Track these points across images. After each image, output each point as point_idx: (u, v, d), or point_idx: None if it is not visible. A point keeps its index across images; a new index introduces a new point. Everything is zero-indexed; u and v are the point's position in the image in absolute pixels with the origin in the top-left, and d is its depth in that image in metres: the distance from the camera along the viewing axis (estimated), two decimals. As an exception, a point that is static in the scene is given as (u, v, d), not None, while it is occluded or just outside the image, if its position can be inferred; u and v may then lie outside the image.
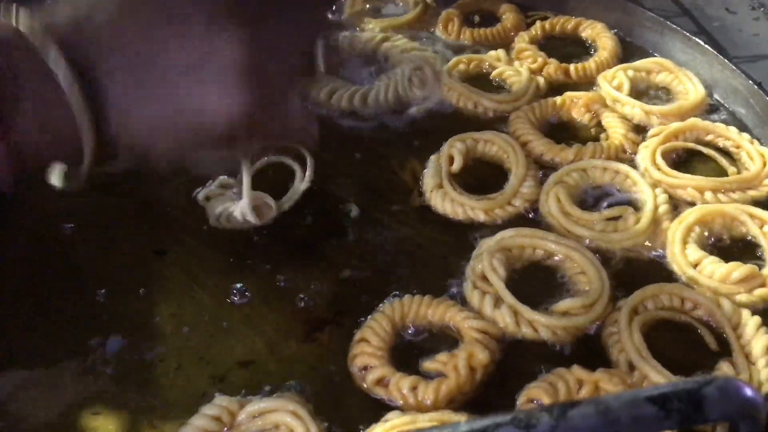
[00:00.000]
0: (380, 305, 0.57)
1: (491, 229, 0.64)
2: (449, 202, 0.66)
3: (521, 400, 0.51)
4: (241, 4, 0.44)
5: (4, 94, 0.39)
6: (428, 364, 0.53)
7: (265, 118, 0.46)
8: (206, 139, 0.46)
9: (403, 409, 0.51)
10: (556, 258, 0.61)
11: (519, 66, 0.81)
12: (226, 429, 0.49)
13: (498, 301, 0.57)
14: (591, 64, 0.82)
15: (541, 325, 0.55)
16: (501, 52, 0.83)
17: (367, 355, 0.53)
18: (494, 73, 0.81)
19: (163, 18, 0.43)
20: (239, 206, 0.61)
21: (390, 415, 0.50)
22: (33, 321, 0.57)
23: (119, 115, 0.42)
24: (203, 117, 0.44)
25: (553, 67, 0.81)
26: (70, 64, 0.40)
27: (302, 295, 0.59)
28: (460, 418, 0.49)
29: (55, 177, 0.43)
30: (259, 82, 0.44)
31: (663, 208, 0.65)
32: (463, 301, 0.58)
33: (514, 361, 0.55)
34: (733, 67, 0.78)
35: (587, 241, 0.63)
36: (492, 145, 0.71)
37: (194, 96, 0.43)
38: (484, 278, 0.58)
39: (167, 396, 0.52)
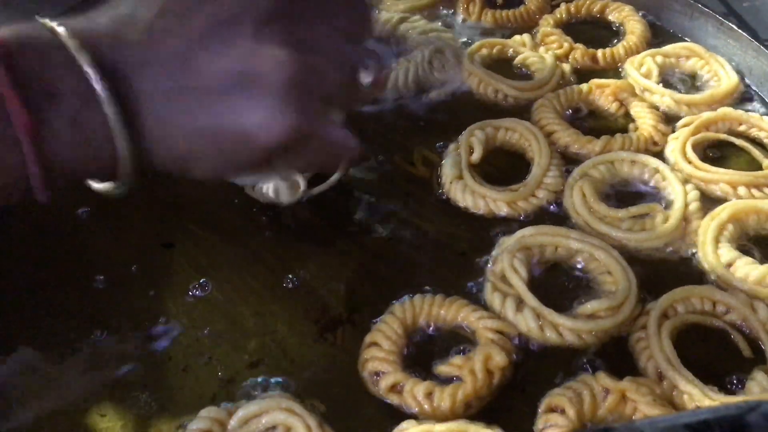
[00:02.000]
0: (390, 306, 0.55)
1: (513, 223, 0.62)
2: (470, 194, 0.63)
3: (543, 408, 0.49)
4: (289, 17, 0.42)
5: (42, 113, 0.38)
6: (442, 368, 0.51)
7: (310, 141, 0.44)
8: (246, 157, 0.43)
9: (417, 417, 0.49)
10: (579, 257, 0.58)
11: (544, 51, 0.78)
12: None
13: (520, 304, 0.54)
14: (619, 49, 0.78)
15: (566, 329, 0.53)
16: (526, 37, 0.79)
17: (378, 361, 0.51)
18: (518, 59, 0.78)
19: (207, 29, 0.41)
20: (272, 183, 0.59)
21: (404, 425, 0.48)
22: (37, 314, 0.56)
23: (156, 128, 0.40)
24: (244, 133, 0.42)
25: (579, 52, 0.78)
26: (105, 75, 0.38)
27: (315, 293, 0.57)
28: (477, 428, 0.46)
29: (98, 184, 0.43)
30: (306, 101, 0.42)
31: (694, 205, 0.61)
32: (480, 300, 0.56)
33: (535, 365, 0.53)
34: (769, 53, 0.74)
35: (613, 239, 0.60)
36: (513, 132, 0.68)
37: (236, 111, 0.41)
38: (505, 279, 0.56)
39: (175, 398, 0.50)
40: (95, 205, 0.63)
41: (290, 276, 0.58)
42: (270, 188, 0.60)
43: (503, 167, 0.68)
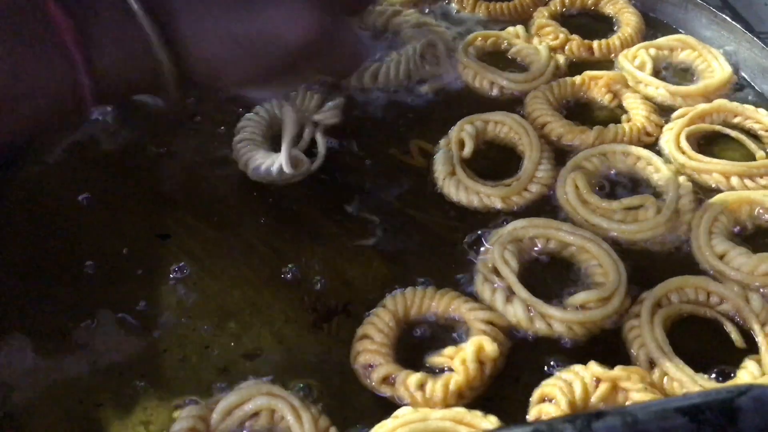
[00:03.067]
0: (383, 299, 0.55)
1: (507, 215, 0.62)
2: (464, 191, 0.63)
3: (534, 397, 0.49)
4: None
5: (86, 27, 0.40)
6: (434, 359, 0.51)
7: (332, 40, 0.47)
8: (276, 58, 0.46)
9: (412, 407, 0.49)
10: (570, 249, 0.58)
11: (538, 43, 0.78)
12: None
13: (510, 295, 0.54)
14: (615, 41, 0.78)
15: (555, 320, 0.53)
16: (520, 29, 0.80)
17: (371, 353, 0.51)
18: (512, 51, 0.78)
19: None
20: (275, 159, 0.61)
21: (400, 411, 0.48)
22: (28, 301, 0.55)
23: (191, 37, 0.43)
24: (274, 34, 0.44)
25: (576, 43, 0.78)
26: None
27: (310, 284, 0.57)
28: (474, 415, 0.47)
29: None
30: (330, 3, 0.45)
31: (687, 197, 0.62)
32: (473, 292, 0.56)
33: (527, 354, 0.53)
34: (763, 46, 0.75)
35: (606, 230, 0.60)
36: (503, 126, 0.68)
37: (265, 13, 0.44)
38: (496, 271, 0.56)
39: (172, 388, 0.51)
40: (98, 192, 0.63)
41: (285, 267, 0.58)
42: (273, 167, 0.61)
43: (495, 160, 0.68)
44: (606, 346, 0.54)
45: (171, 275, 0.57)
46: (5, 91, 0.39)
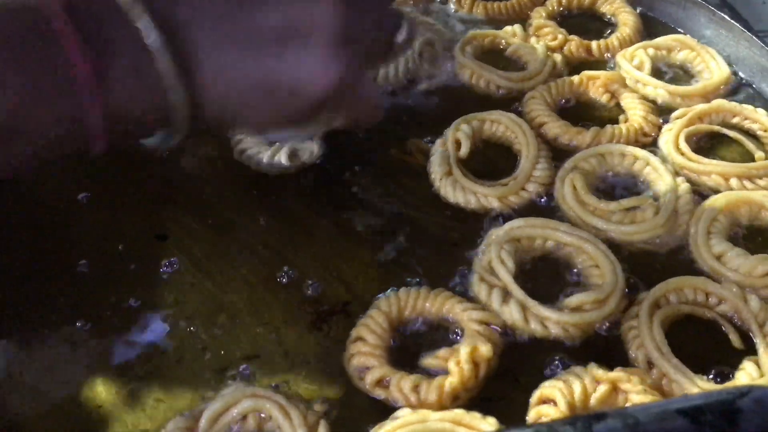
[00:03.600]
0: (376, 299, 0.54)
1: (505, 214, 0.62)
2: (461, 191, 0.63)
3: (534, 399, 0.49)
4: None
5: (102, 66, 0.39)
6: (429, 361, 0.51)
7: (353, 90, 0.46)
8: (294, 107, 0.45)
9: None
10: (567, 250, 0.58)
11: (536, 43, 0.78)
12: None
13: (506, 296, 0.54)
14: (614, 40, 0.78)
15: (551, 321, 0.53)
16: (517, 28, 0.79)
17: (364, 356, 0.50)
18: (509, 50, 0.78)
19: None
20: (272, 151, 0.62)
21: (400, 412, 0.48)
22: (23, 301, 0.55)
23: (210, 79, 0.42)
24: (296, 84, 0.43)
25: (575, 44, 0.78)
26: (160, 28, 0.39)
27: (309, 285, 0.57)
28: (473, 417, 0.46)
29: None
30: (351, 54, 0.44)
31: (685, 198, 0.61)
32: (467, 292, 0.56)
33: (527, 355, 0.53)
34: (762, 45, 0.75)
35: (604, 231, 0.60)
36: (499, 125, 0.68)
37: (288, 62, 0.42)
38: (492, 271, 0.55)
39: (169, 391, 0.50)
40: (97, 191, 0.63)
41: (284, 267, 0.58)
42: (282, 155, 0.62)
43: (493, 160, 0.67)
44: (605, 346, 0.53)
45: (161, 269, 0.57)
46: (9, 126, 0.38)
